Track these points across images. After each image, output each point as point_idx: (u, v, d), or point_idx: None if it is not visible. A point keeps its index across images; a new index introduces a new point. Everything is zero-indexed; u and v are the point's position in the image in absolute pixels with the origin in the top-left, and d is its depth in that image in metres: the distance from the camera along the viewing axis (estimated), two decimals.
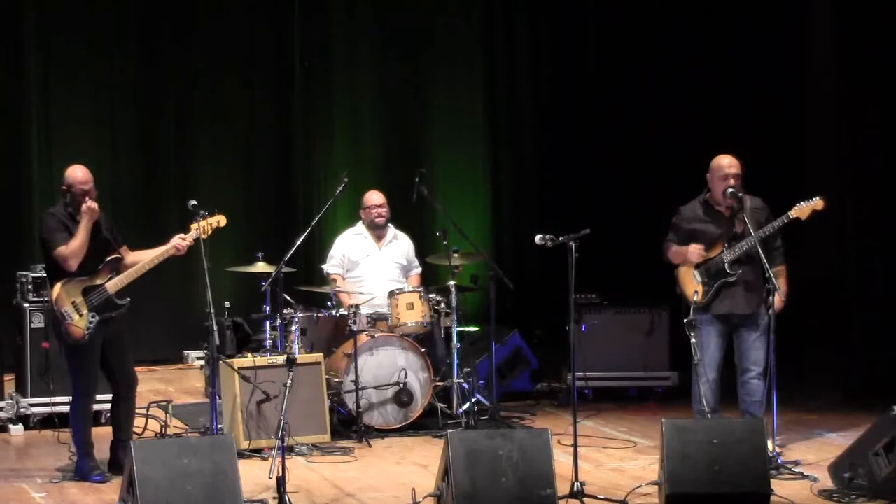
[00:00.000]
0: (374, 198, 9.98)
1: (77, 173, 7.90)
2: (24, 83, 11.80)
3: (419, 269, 10.13)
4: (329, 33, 12.67)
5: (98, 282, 7.83)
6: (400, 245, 10.04)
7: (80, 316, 7.75)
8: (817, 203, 8.12)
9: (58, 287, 7.80)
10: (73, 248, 7.75)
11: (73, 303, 7.75)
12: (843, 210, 10.06)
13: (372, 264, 9.91)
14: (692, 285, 8.35)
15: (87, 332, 7.76)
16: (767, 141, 11.95)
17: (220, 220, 8.09)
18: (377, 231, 9.96)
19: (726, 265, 8.27)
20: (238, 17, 12.46)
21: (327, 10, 12.66)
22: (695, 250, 8.32)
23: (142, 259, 7.97)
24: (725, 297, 8.30)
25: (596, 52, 12.85)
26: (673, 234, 8.49)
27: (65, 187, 7.88)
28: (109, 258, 7.88)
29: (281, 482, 6.97)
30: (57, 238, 7.79)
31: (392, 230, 10.04)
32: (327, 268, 10.00)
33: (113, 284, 7.85)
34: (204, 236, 7.95)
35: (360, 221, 10.07)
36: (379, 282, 9.80)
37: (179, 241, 7.95)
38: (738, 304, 8.30)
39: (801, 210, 8.13)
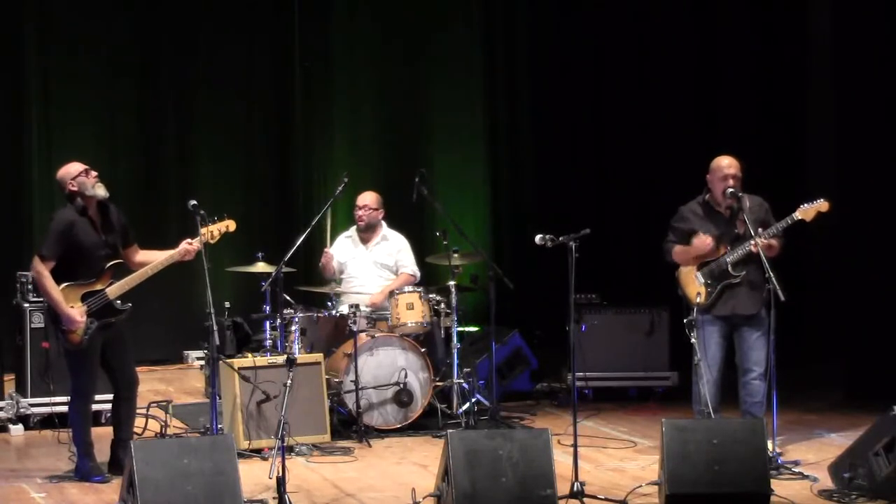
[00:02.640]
0: (360, 198, 9.96)
1: (70, 168, 7.84)
2: (25, 84, 11.80)
3: (409, 269, 9.90)
4: (329, 33, 12.66)
5: (98, 287, 7.79)
6: (388, 246, 9.97)
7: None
8: (822, 205, 8.09)
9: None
10: (42, 280, 7.67)
11: (70, 308, 7.72)
12: (843, 209, 10.05)
13: (357, 266, 9.89)
14: (694, 287, 8.34)
15: (84, 338, 7.74)
16: (768, 142, 11.97)
17: (230, 225, 8.05)
18: (363, 233, 9.94)
19: (729, 267, 8.26)
20: (238, 19, 12.46)
21: (327, 10, 12.66)
22: (703, 242, 8.26)
23: (151, 259, 7.94)
24: (729, 299, 8.29)
25: (596, 52, 12.85)
26: (672, 235, 8.47)
27: (71, 185, 7.78)
28: (112, 263, 7.85)
29: (281, 482, 6.97)
30: (52, 246, 7.71)
31: (383, 231, 9.99)
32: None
33: (114, 290, 7.81)
34: (212, 241, 7.93)
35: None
36: (363, 283, 9.78)
37: (187, 247, 7.92)
38: (742, 305, 8.29)
39: (806, 212, 8.10)
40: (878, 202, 10.12)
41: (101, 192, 7.82)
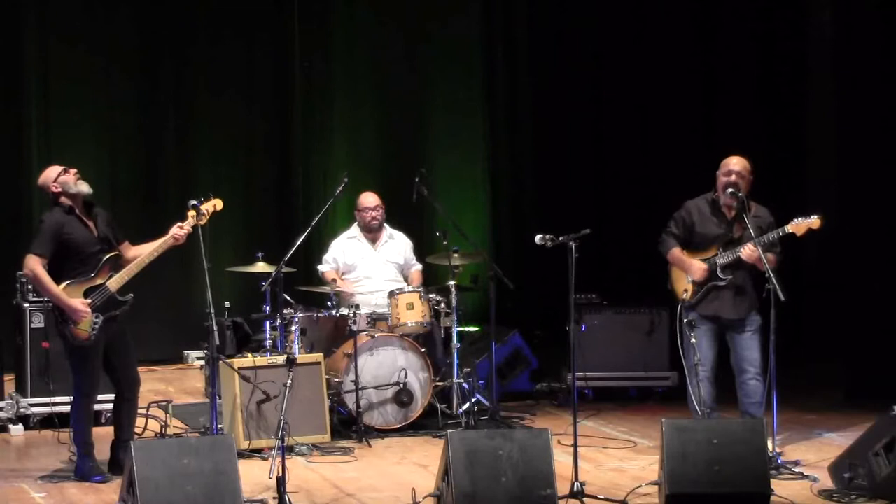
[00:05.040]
0: (368, 200, 9.97)
1: (49, 172, 7.86)
2: (25, 84, 11.80)
3: (419, 267, 10.08)
4: (329, 33, 12.67)
5: (99, 281, 7.80)
6: (396, 244, 10.02)
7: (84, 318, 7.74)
8: (814, 221, 8.08)
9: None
10: (39, 277, 7.69)
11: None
12: (844, 212, 10.06)
13: (368, 266, 9.90)
14: (682, 283, 8.36)
15: (91, 334, 7.74)
16: (768, 141, 11.97)
17: (216, 203, 8.02)
18: (371, 233, 9.95)
19: (718, 269, 8.26)
20: (238, 18, 12.46)
21: (327, 9, 12.67)
22: (698, 269, 8.28)
23: (143, 252, 7.94)
24: (713, 300, 8.29)
25: (596, 52, 12.85)
26: (673, 226, 8.44)
27: (54, 187, 7.78)
28: (108, 256, 7.86)
29: (281, 482, 6.97)
30: (45, 244, 7.72)
31: (388, 230, 10.03)
32: (321, 267, 10.03)
33: (114, 282, 7.82)
34: (202, 222, 7.91)
35: (356, 223, 10.08)
36: (377, 282, 9.80)
37: (177, 231, 7.91)
38: (725, 308, 8.28)
39: (798, 226, 8.10)
40: (878, 203, 10.12)
41: (84, 188, 7.83)
